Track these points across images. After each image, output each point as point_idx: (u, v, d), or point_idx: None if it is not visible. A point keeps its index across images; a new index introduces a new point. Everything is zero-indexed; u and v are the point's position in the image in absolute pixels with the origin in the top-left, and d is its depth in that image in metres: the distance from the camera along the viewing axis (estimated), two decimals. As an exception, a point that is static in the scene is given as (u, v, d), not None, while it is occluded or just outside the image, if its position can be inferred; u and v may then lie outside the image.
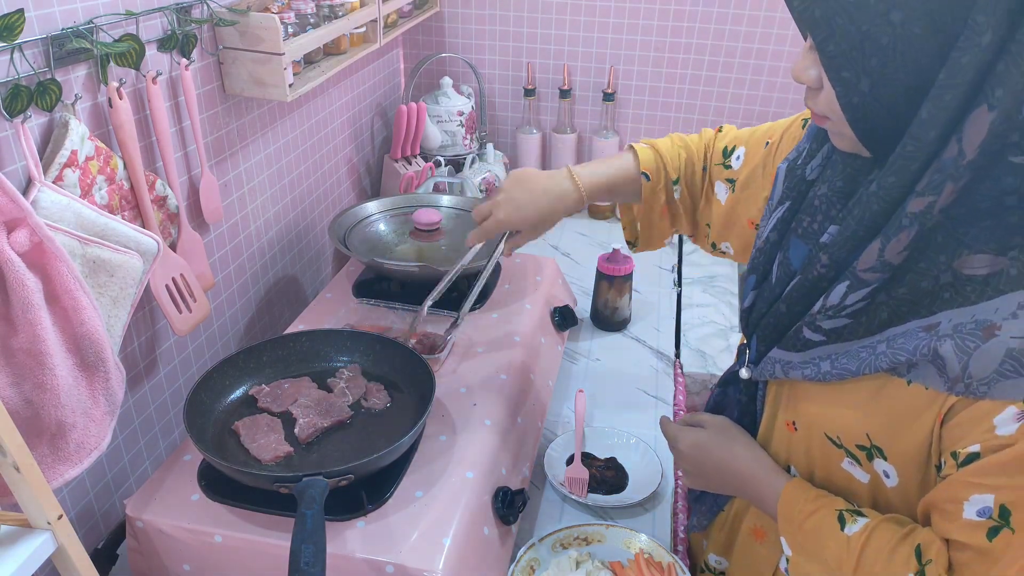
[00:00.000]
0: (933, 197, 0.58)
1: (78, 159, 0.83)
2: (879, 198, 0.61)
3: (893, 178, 0.60)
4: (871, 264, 0.63)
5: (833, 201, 0.70)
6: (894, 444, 0.67)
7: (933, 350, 0.61)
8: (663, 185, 0.99)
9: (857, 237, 0.64)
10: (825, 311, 0.67)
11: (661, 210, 1.01)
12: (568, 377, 1.36)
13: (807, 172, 0.75)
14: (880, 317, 0.65)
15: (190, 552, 0.86)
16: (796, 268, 0.73)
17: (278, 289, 1.44)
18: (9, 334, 0.74)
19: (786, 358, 0.73)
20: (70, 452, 0.81)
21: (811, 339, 0.69)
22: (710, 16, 1.75)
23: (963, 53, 0.54)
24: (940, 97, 0.56)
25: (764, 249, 0.78)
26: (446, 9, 1.87)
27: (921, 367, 0.62)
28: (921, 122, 0.57)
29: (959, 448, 0.61)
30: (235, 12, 1.05)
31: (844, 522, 0.69)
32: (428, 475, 0.92)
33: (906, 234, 0.60)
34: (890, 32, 0.56)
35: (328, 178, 1.59)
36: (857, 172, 0.68)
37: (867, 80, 0.58)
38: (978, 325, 0.59)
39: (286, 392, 1.00)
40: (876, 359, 0.65)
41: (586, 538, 0.97)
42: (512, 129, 1.99)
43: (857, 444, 0.70)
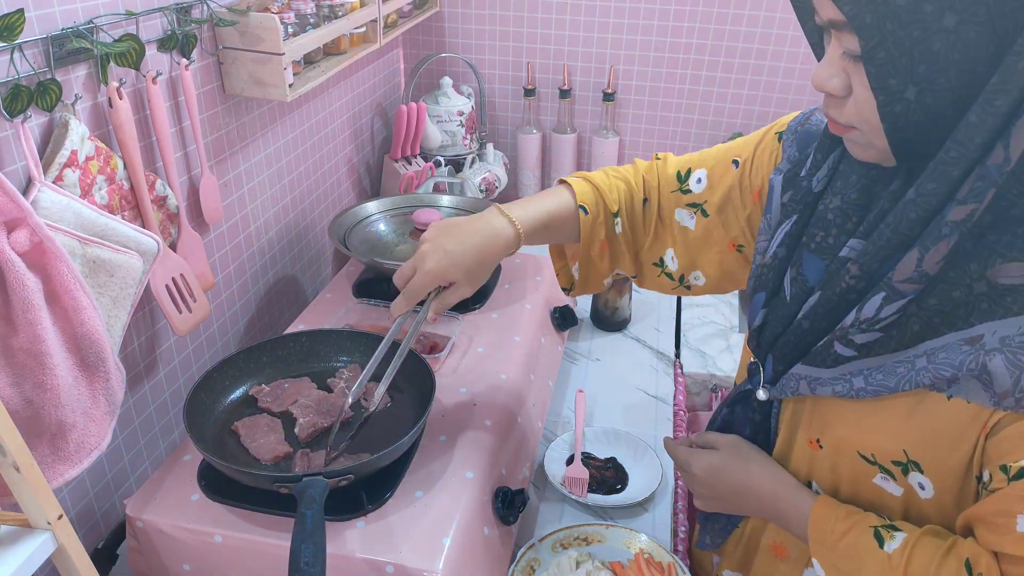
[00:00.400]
0: (975, 205, 0.57)
1: (78, 159, 0.83)
2: (917, 206, 0.59)
3: (934, 184, 0.58)
4: (908, 275, 0.61)
5: (849, 214, 0.68)
6: (933, 458, 0.65)
7: (982, 365, 0.59)
8: (603, 219, 0.91)
9: (891, 246, 0.62)
10: (859, 324, 0.64)
11: (601, 246, 0.92)
12: (568, 377, 1.36)
13: (813, 184, 0.73)
14: (912, 329, 0.63)
15: (190, 552, 0.86)
16: (813, 284, 0.71)
17: (278, 289, 1.44)
18: (9, 334, 0.74)
19: (814, 374, 0.70)
20: (70, 452, 0.81)
21: (843, 354, 0.67)
22: (710, 16, 1.75)
23: (1020, 58, 0.52)
24: (991, 102, 0.54)
25: (772, 265, 0.75)
26: (446, 9, 1.87)
27: (963, 382, 0.61)
28: (969, 127, 0.55)
29: (1010, 462, 0.60)
30: (235, 12, 1.05)
31: (882, 539, 0.67)
32: (428, 475, 0.92)
33: (945, 243, 0.58)
34: (943, 38, 0.53)
35: (328, 178, 1.59)
36: (873, 183, 0.66)
37: (914, 88, 0.56)
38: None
39: (286, 392, 1.00)
40: (917, 374, 0.63)
41: (586, 538, 0.97)
42: (512, 129, 1.99)
43: (893, 460, 0.68)
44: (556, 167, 1.96)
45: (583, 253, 0.93)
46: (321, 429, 0.94)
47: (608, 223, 0.92)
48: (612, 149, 1.91)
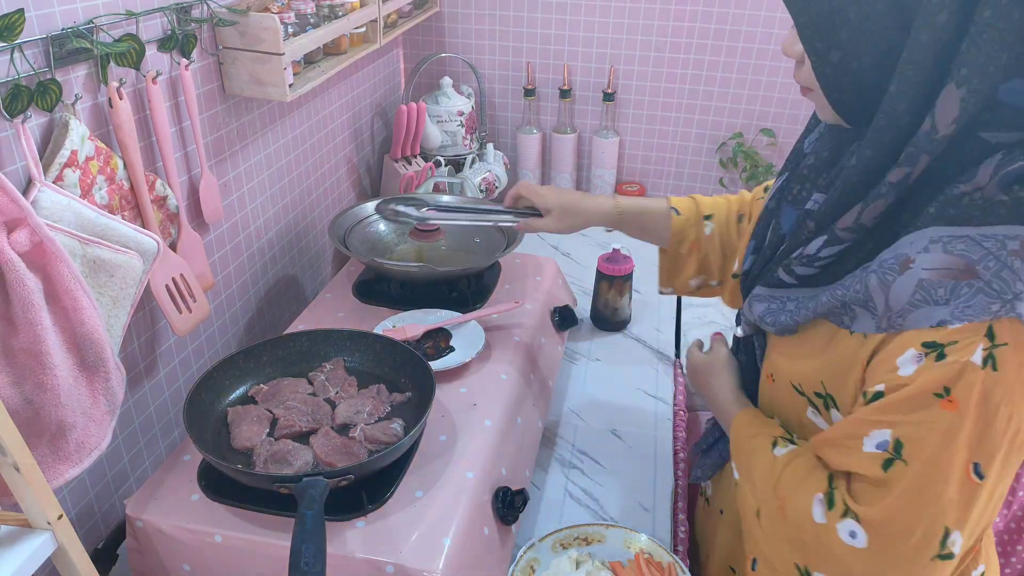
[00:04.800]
0: (909, 168, 0.62)
1: (78, 159, 0.83)
2: (857, 170, 0.65)
3: (869, 151, 0.64)
4: (849, 224, 0.67)
5: (819, 169, 0.74)
6: (840, 392, 0.70)
7: (864, 285, 0.65)
8: (693, 221, 1.02)
9: (840, 205, 0.68)
10: (800, 258, 0.72)
11: (690, 246, 1.03)
12: (568, 377, 1.36)
13: (804, 145, 0.80)
14: (846, 268, 0.69)
15: (190, 552, 0.86)
16: (785, 232, 0.77)
17: (278, 289, 1.44)
18: (9, 334, 0.74)
19: (759, 292, 0.79)
20: (70, 452, 0.81)
21: (784, 280, 0.75)
22: (710, 16, 1.75)
23: (920, 32, 0.58)
24: (904, 73, 0.60)
25: (762, 217, 0.83)
26: (446, 9, 1.87)
27: (859, 316, 0.66)
28: (890, 97, 0.61)
29: (867, 388, 0.66)
30: (235, 12, 1.05)
31: (775, 445, 0.76)
32: (428, 475, 0.92)
33: (883, 202, 0.64)
34: (856, 7, 0.61)
35: (328, 178, 1.59)
36: (841, 143, 0.73)
37: (837, 52, 0.63)
38: (897, 259, 0.63)
39: (283, 391, 1.00)
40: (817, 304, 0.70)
41: (586, 538, 0.97)
42: (512, 129, 1.99)
43: (815, 392, 0.74)
44: (556, 167, 1.96)
45: (672, 249, 1.05)
46: (299, 431, 0.94)
47: (698, 226, 1.03)
48: (612, 149, 1.91)
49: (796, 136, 1.93)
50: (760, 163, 1.85)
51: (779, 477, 0.73)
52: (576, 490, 1.12)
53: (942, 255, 0.61)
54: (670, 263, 1.06)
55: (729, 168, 1.91)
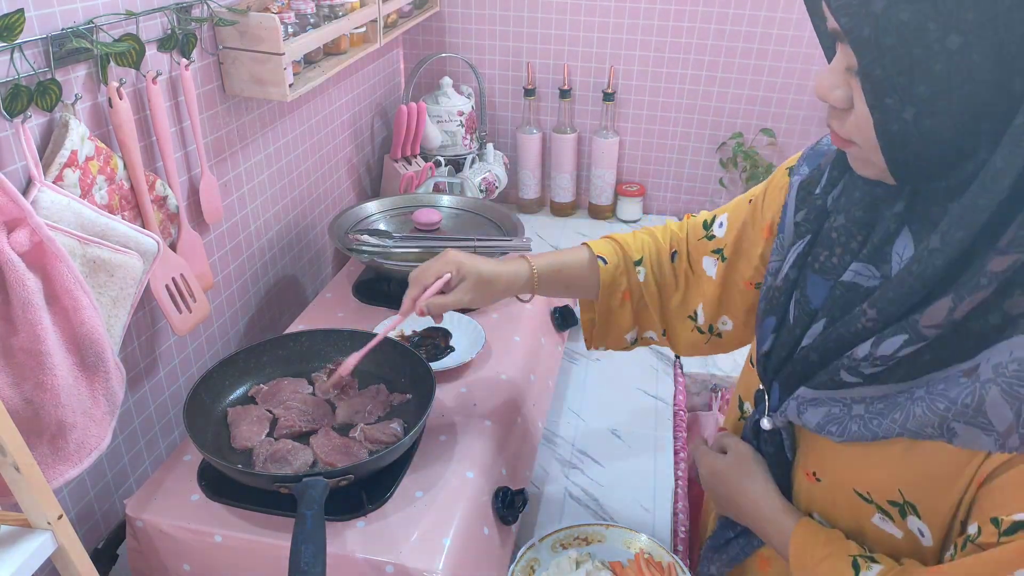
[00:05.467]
0: (1018, 255, 0.53)
1: (78, 159, 0.83)
2: (944, 255, 0.56)
3: (962, 233, 0.54)
4: (937, 321, 0.57)
5: (852, 233, 0.66)
6: (928, 502, 0.63)
7: (979, 399, 0.56)
8: (623, 268, 0.93)
9: (914, 293, 0.58)
10: (873, 360, 0.62)
11: (622, 296, 0.93)
12: (568, 377, 1.36)
13: (828, 203, 0.70)
14: (922, 360, 0.60)
15: (190, 552, 0.86)
16: (815, 306, 0.68)
17: (278, 289, 1.44)
18: (9, 334, 0.74)
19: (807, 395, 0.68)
20: (70, 452, 0.81)
21: (847, 381, 0.65)
22: (710, 16, 1.75)
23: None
24: (1018, 144, 0.50)
25: (783, 288, 0.72)
26: (446, 9, 1.87)
27: (963, 433, 0.57)
28: (996, 172, 0.52)
29: (1002, 515, 0.56)
30: (235, 12, 1.05)
31: (858, 568, 0.66)
32: (428, 475, 0.92)
33: (982, 294, 0.55)
34: (945, 59, 0.50)
35: (328, 178, 1.59)
36: (877, 201, 0.64)
37: (912, 109, 0.53)
38: (1021, 365, 0.54)
39: (283, 391, 1.00)
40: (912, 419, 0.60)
41: (586, 538, 0.97)
42: (512, 129, 1.99)
43: (889, 500, 0.65)
44: (556, 167, 1.96)
45: (603, 302, 0.94)
46: (299, 431, 0.94)
47: (630, 272, 0.93)
48: (612, 149, 1.91)
49: (796, 136, 1.93)
50: (760, 163, 1.85)
51: None
52: (576, 490, 1.12)
53: None
54: (601, 318, 0.96)
55: (729, 168, 1.91)
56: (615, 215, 2.00)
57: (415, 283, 0.92)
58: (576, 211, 2.05)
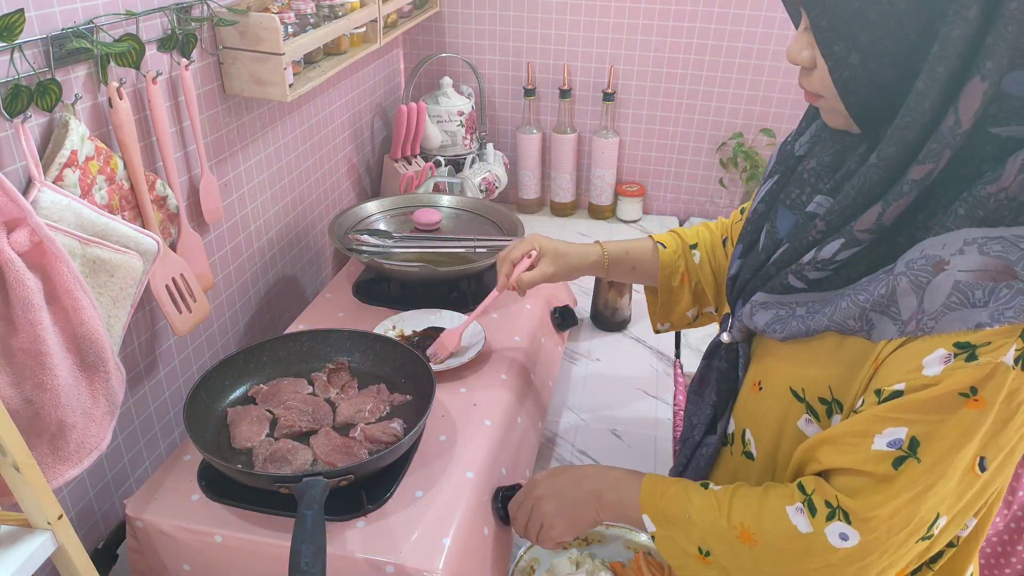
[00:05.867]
0: (932, 165, 0.61)
1: (78, 159, 0.83)
2: (879, 168, 0.64)
3: (893, 149, 0.62)
4: (868, 226, 0.65)
5: (821, 174, 0.73)
6: (847, 396, 0.69)
7: (891, 290, 0.63)
8: (680, 252, 1.02)
9: (856, 205, 0.66)
10: (815, 263, 0.69)
11: (681, 277, 1.02)
12: (568, 377, 1.36)
13: (796, 148, 0.78)
14: (859, 269, 0.67)
15: (190, 552, 0.86)
16: (782, 236, 0.75)
17: (278, 289, 1.44)
18: (9, 334, 0.74)
19: (762, 299, 0.75)
20: (70, 452, 0.81)
21: (794, 285, 0.72)
22: (710, 16, 1.75)
23: (953, 26, 0.57)
24: (934, 69, 0.59)
25: (752, 220, 0.80)
26: (446, 9, 1.87)
27: (878, 323, 0.64)
28: (917, 94, 0.60)
29: (883, 386, 0.64)
30: (235, 12, 1.05)
31: (707, 486, 0.75)
32: (428, 475, 0.92)
33: (905, 200, 0.63)
34: (877, 8, 0.60)
35: (328, 178, 1.59)
36: (845, 148, 0.71)
37: (857, 54, 0.62)
38: (928, 261, 0.62)
39: (282, 391, 1.00)
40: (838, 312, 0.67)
41: (586, 538, 0.97)
42: (512, 129, 1.99)
43: (819, 397, 0.71)
44: (556, 167, 1.96)
45: (664, 282, 1.03)
46: (299, 431, 0.94)
47: (687, 255, 1.02)
48: (612, 149, 1.91)
49: (796, 136, 1.92)
50: (760, 163, 1.85)
51: (730, 506, 0.71)
52: (576, 490, 1.11)
53: (978, 256, 0.60)
54: (664, 298, 1.05)
55: (729, 168, 1.91)
56: (615, 215, 2.00)
57: (504, 262, 1.06)
58: (576, 211, 2.05)
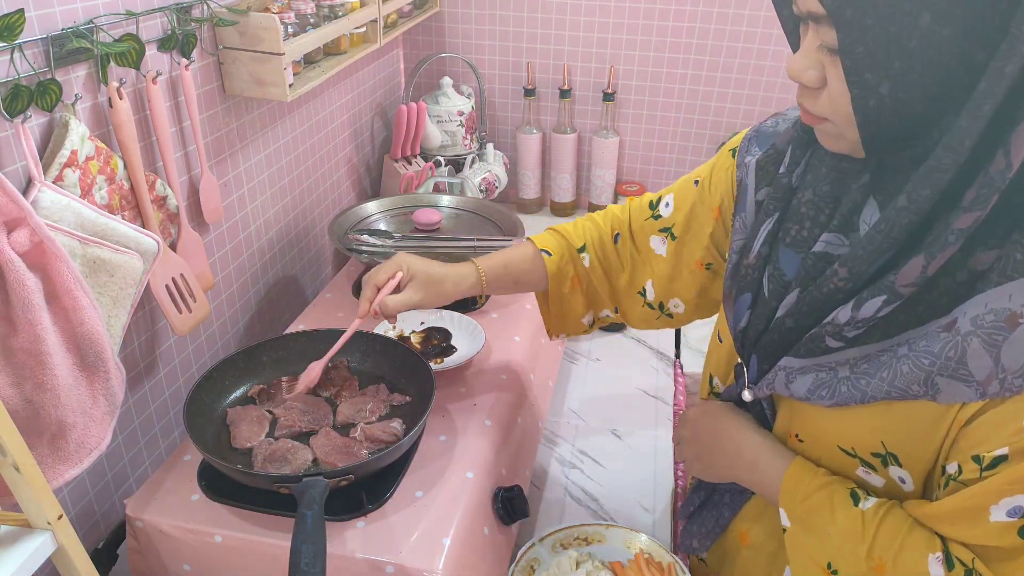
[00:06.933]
0: (980, 212, 0.56)
1: (78, 159, 0.83)
2: (910, 212, 0.59)
3: (927, 191, 0.58)
4: (912, 280, 0.60)
5: (820, 206, 0.69)
6: (910, 451, 0.66)
7: (961, 352, 0.59)
8: (568, 257, 0.97)
9: (882, 250, 0.61)
10: (855, 323, 0.64)
11: (572, 283, 0.97)
12: (568, 377, 1.36)
13: (793, 180, 0.73)
14: (897, 320, 0.63)
15: (190, 552, 0.86)
16: (790, 278, 0.71)
17: (278, 289, 1.44)
18: (9, 334, 0.74)
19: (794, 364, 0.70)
20: (70, 452, 0.81)
21: (831, 347, 0.67)
22: (710, 16, 1.75)
23: (1006, 63, 0.53)
24: (979, 108, 0.54)
25: (756, 265, 0.75)
26: (446, 9, 1.87)
27: (945, 387, 0.60)
28: (960, 133, 0.55)
29: (982, 452, 0.60)
30: (235, 12, 1.05)
31: (857, 498, 0.68)
32: (428, 475, 0.92)
33: (951, 249, 0.58)
34: (919, 35, 0.54)
35: (328, 178, 1.59)
36: (845, 176, 0.67)
37: (888, 84, 0.57)
38: (997, 316, 0.58)
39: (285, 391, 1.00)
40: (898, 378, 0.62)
41: (586, 538, 0.97)
42: (512, 129, 1.99)
43: (872, 452, 0.68)
44: (556, 167, 1.96)
45: (554, 291, 0.98)
46: (299, 431, 0.94)
47: (575, 260, 0.97)
48: (612, 149, 1.91)
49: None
50: (760, 163, 1.84)
51: (875, 535, 0.66)
52: (576, 490, 1.12)
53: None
54: (555, 308, 1.00)
55: (729, 168, 1.91)
56: (615, 215, 2.00)
57: (368, 284, 0.95)
58: (576, 211, 2.05)
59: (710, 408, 0.83)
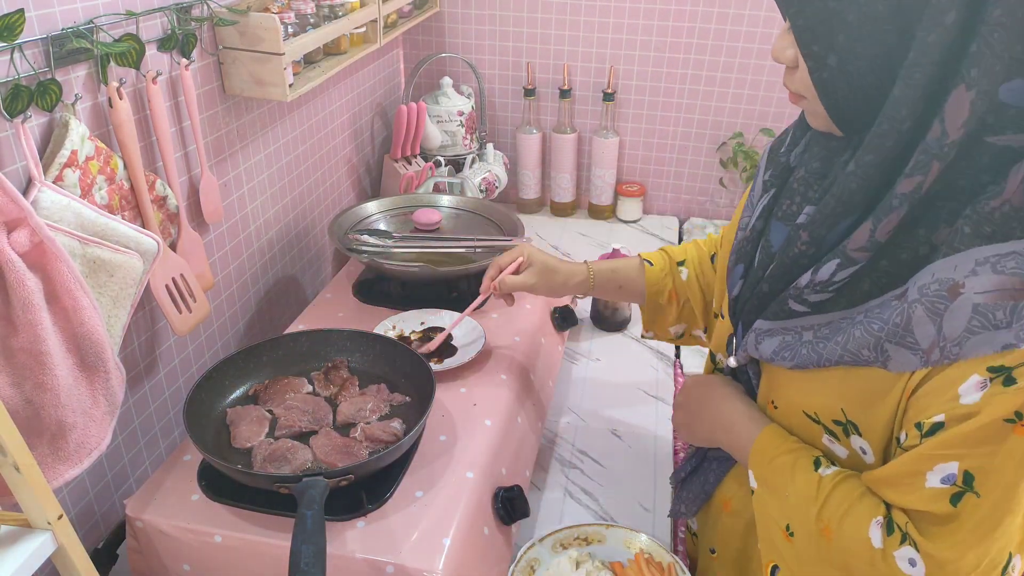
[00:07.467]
0: (921, 177, 0.60)
1: (78, 159, 0.83)
2: (856, 176, 0.63)
3: (870, 156, 0.61)
4: (862, 244, 0.64)
5: (810, 182, 0.71)
6: (867, 420, 0.68)
7: (907, 319, 0.61)
8: (668, 270, 1.02)
9: (836, 214, 0.65)
10: (813, 286, 0.68)
11: (669, 294, 1.02)
12: (568, 377, 1.36)
13: (791, 159, 0.77)
14: (862, 288, 0.66)
15: (190, 552, 0.86)
16: (775, 249, 0.74)
17: (278, 289, 1.44)
18: (9, 334, 0.74)
19: (763, 326, 0.74)
20: (70, 452, 0.81)
21: (796, 310, 0.70)
22: (710, 16, 1.75)
23: (928, 32, 0.56)
24: (911, 75, 0.58)
25: (750, 237, 0.78)
26: (446, 9, 1.87)
27: (895, 354, 0.63)
28: (894, 100, 0.59)
29: (923, 419, 0.62)
30: (235, 12, 1.05)
31: (819, 464, 0.72)
32: (428, 475, 0.92)
33: (896, 214, 0.61)
34: (856, 10, 0.59)
35: (328, 178, 1.59)
36: (832, 153, 0.70)
37: (835, 56, 0.61)
38: (941, 285, 0.60)
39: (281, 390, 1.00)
40: (852, 341, 0.65)
41: (586, 538, 0.97)
42: (512, 129, 1.99)
43: (834, 420, 0.71)
44: (556, 167, 1.96)
45: (650, 300, 1.04)
46: (299, 431, 0.94)
47: (674, 273, 1.02)
48: (612, 149, 1.91)
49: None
50: (760, 163, 1.85)
51: (826, 499, 0.69)
52: (576, 490, 1.12)
53: (994, 276, 0.57)
54: (650, 315, 1.05)
55: (729, 168, 1.91)
56: (615, 215, 2.00)
57: (493, 266, 1.07)
58: (576, 211, 2.05)
59: (704, 378, 0.89)
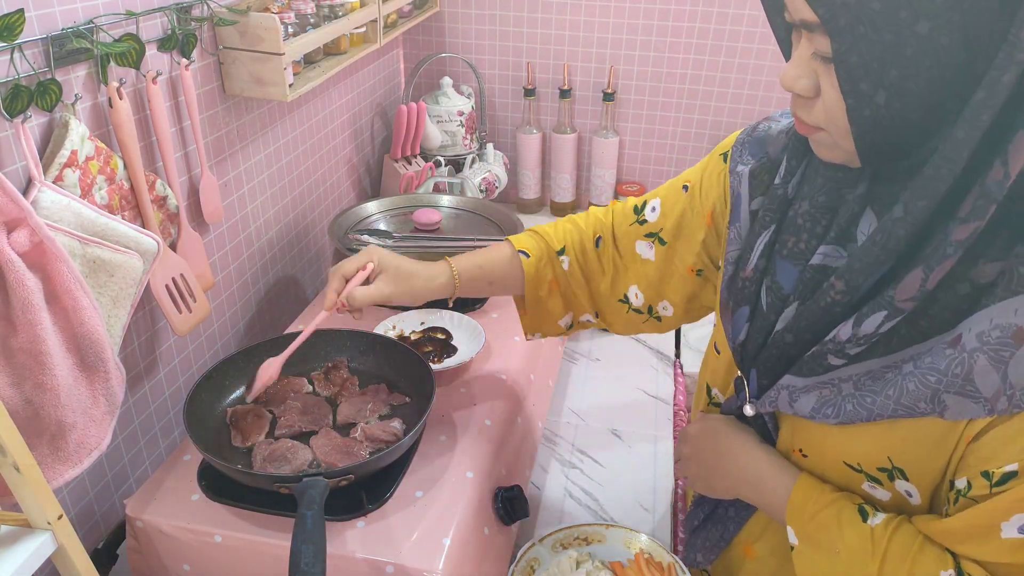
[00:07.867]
0: (978, 223, 0.55)
1: (78, 159, 0.83)
2: (906, 223, 0.58)
3: (924, 202, 0.56)
4: (912, 294, 0.59)
5: (817, 217, 0.67)
6: (917, 465, 0.65)
7: (968, 368, 0.58)
8: (546, 260, 0.94)
9: (879, 262, 0.60)
10: (856, 340, 0.63)
11: (549, 286, 0.94)
12: (568, 377, 1.36)
13: (789, 191, 0.71)
14: (899, 334, 0.62)
15: (190, 552, 0.86)
16: (788, 291, 0.70)
17: (278, 289, 1.44)
18: (9, 334, 0.74)
19: (798, 383, 0.69)
20: (70, 452, 0.81)
21: (834, 364, 0.66)
22: (710, 16, 1.75)
23: (1004, 71, 0.51)
24: (977, 117, 0.53)
25: (754, 278, 0.73)
26: (446, 9, 1.87)
27: (952, 404, 0.60)
28: (956, 143, 0.54)
29: (992, 468, 0.59)
30: (235, 12, 1.05)
31: (865, 514, 0.67)
32: (428, 475, 0.92)
33: (949, 263, 0.57)
34: (916, 43, 0.52)
35: (328, 178, 1.59)
36: (840, 184, 0.66)
37: (884, 93, 0.55)
38: (1003, 331, 0.57)
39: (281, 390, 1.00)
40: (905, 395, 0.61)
41: (586, 538, 0.97)
42: (512, 129, 1.99)
43: (878, 467, 0.67)
44: (556, 167, 1.96)
45: (531, 294, 0.95)
46: (299, 431, 0.94)
47: (554, 262, 0.94)
48: (612, 149, 1.91)
49: (796, 136, 1.93)
50: (760, 163, 1.84)
51: (885, 552, 0.64)
52: (576, 490, 1.12)
53: None
54: (532, 310, 0.96)
55: (729, 168, 1.91)
56: (615, 215, 2.00)
57: (335, 276, 0.91)
58: (576, 211, 2.04)
59: (712, 425, 0.81)
